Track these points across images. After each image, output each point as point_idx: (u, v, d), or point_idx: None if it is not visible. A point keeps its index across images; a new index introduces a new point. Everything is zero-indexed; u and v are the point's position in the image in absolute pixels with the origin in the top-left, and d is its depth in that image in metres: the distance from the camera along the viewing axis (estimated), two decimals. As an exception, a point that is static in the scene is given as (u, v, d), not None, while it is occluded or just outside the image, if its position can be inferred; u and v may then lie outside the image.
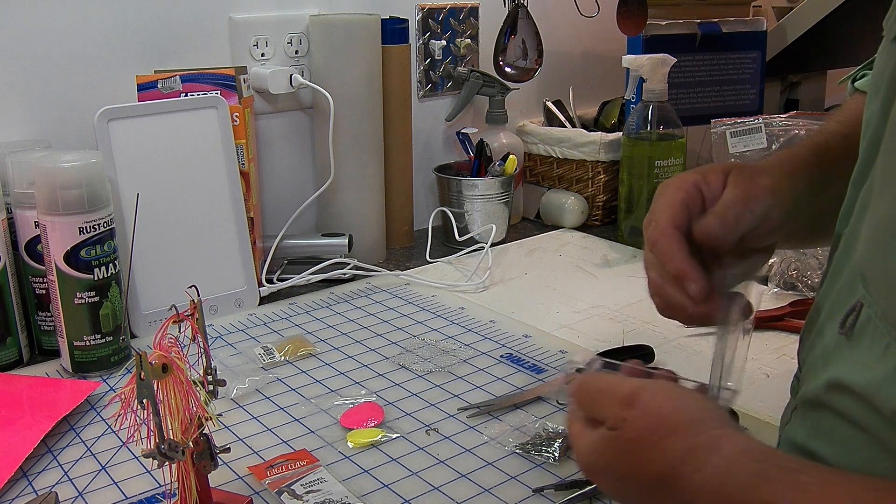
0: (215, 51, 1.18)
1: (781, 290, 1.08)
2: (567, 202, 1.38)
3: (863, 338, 0.49)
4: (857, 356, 0.49)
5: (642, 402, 0.51)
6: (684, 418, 0.50)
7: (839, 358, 0.52)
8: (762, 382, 0.86)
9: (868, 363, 0.48)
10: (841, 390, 0.50)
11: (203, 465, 0.62)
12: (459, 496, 0.68)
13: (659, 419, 0.50)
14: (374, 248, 1.26)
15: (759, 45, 1.46)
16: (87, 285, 0.87)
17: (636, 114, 1.28)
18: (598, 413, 0.53)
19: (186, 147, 1.02)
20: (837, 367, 0.52)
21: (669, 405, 0.51)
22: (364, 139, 1.22)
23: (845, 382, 0.50)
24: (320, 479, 0.69)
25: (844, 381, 0.50)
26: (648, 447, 0.50)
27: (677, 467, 0.48)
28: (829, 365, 0.53)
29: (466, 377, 0.88)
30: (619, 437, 0.51)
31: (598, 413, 0.54)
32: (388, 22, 1.24)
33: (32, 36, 1.04)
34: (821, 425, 0.53)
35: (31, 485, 0.71)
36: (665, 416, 0.51)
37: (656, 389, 0.52)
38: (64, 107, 1.07)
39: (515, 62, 1.39)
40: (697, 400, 0.52)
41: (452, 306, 1.07)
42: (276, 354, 0.93)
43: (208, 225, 1.04)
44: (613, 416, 0.52)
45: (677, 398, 0.52)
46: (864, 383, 0.48)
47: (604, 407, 0.53)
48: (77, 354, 0.89)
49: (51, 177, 0.85)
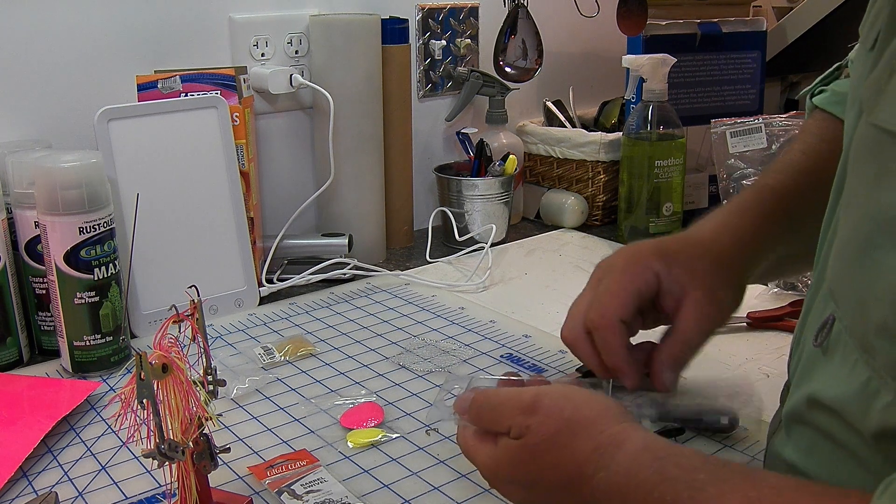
0: (215, 51, 1.18)
1: (781, 290, 1.08)
2: (567, 202, 1.38)
3: (835, 352, 0.49)
4: (831, 370, 0.49)
5: (543, 408, 0.53)
6: (586, 417, 0.52)
7: (816, 372, 0.52)
8: (762, 382, 0.86)
9: (840, 378, 0.48)
10: (819, 407, 0.51)
11: (203, 465, 0.62)
12: (459, 496, 0.68)
13: (561, 422, 0.52)
14: (374, 248, 1.27)
15: (759, 45, 1.46)
16: (87, 285, 0.87)
17: (636, 114, 1.28)
18: (501, 425, 0.55)
19: (186, 147, 1.02)
20: (814, 382, 0.52)
21: (570, 407, 0.53)
22: (364, 139, 1.22)
23: (821, 399, 0.50)
24: (320, 479, 0.69)
25: (820, 397, 0.50)
26: (555, 450, 0.51)
27: (583, 467, 0.50)
28: (807, 379, 0.54)
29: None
30: (525, 443, 0.53)
31: (500, 425, 0.55)
32: (388, 22, 1.24)
33: (32, 36, 1.04)
34: (804, 442, 0.53)
35: (31, 485, 0.71)
36: (567, 419, 0.52)
37: (555, 393, 0.54)
38: (64, 107, 1.07)
39: (515, 62, 1.39)
40: (596, 399, 0.54)
41: (452, 306, 1.07)
42: (276, 354, 0.93)
43: (208, 225, 1.04)
44: (517, 424, 0.53)
45: (576, 399, 0.53)
46: (837, 399, 0.48)
47: (506, 418, 0.54)
48: (77, 354, 0.89)
49: (51, 177, 0.85)
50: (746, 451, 0.73)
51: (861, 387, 0.45)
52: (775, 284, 1.08)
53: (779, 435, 0.59)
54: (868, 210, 0.45)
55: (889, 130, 0.44)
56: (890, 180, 0.43)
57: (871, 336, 0.44)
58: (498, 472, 0.56)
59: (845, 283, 0.48)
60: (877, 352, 0.44)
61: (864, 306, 0.45)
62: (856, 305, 0.46)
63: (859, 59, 0.55)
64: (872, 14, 0.53)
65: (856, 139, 0.49)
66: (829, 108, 0.74)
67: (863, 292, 0.45)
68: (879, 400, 0.44)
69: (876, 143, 0.45)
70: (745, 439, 0.75)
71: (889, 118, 0.44)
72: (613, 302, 0.62)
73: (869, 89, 0.48)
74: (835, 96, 0.75)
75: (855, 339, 0.46)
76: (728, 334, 0.98)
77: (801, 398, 0.53)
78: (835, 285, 0.49)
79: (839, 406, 0.48)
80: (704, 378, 0.70)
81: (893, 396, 0.43)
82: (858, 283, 0.46)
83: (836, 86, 0.75)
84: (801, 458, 0.53)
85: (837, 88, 0.75)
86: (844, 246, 0.48)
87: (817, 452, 0.52)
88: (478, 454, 0.57)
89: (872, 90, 0.48)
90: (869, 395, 0.44)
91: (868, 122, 0.46)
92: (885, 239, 0.43)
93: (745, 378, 0.65)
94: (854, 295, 0.46)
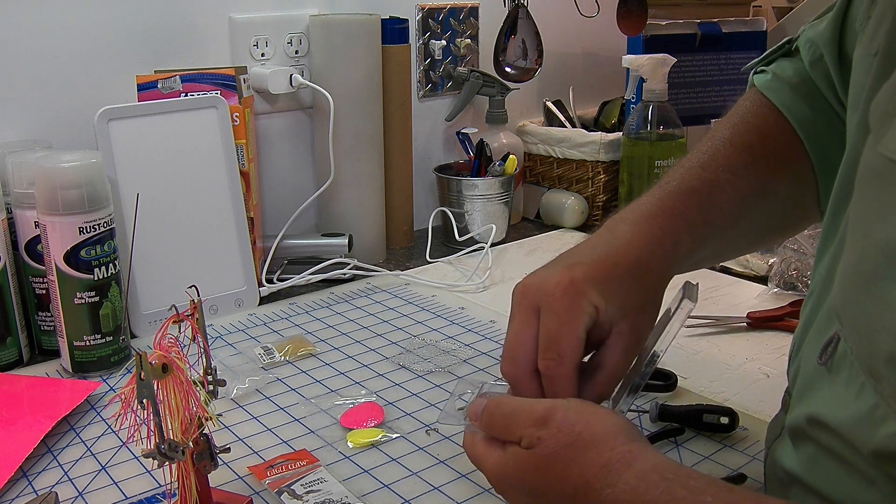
0: (215, 51, 1.18)
1: (781, 290, 1.08)
2: (567, 202, 1.38)
3: (840, 372, 0.49)
4: (836, 391, 0.49)
5: (556, 420, 0.53)
6: (597, 434, 0.52)
7: (819, 390, 0.52)
8: (762, 382, 0.86)
9: (846, 401, 0.47)
10: (820, 426, 0.50)
11: (203, 465, 0.62)
12: (459, 496, 0.68)
13: (573, 436, 0.52)
14: (374, 248, 1.27)
15: (759, 45, 1.46)
16: (87, 285, 0.87)
17: (636, 114, 1.28)
18: (512, 434, 0.55)
19: (186, 147, 1.02)
20: (817, 401, 0.51)
21: (582, 422, 0.53)
22: (364, 139, 1.22)
23: (824, 419, 0.50)
24: (320, 479, 0.69)
25: (823, 417, 0.50)
26: (564, 463, 0.52)
27: (591, 483, 0.50)
28: (810, 395, 0.53)
29: (466, 377, 0.88)
30: (535, 454, 0.53)
31: (511, 434, 0.55)
32: (388, 22, 1.24)
33: (33, 36, 1.04)
34: (807, 456, 0.53)
35: (31, 485, 0.71)
36: (578, 433, 0.52)
37: (568, 408, 0.54)
38: (64, 107, 1.07)
39: (515, 62, 1.39)
40: (608, 416, 0.54)
41: (452, 306, 1.07)
42: (276, 354, 0.93)
43: (208, 225, 1.04)
44: (528, 435, 0.53)
45: (589, 415, 0.53)
46: (841, 421, 0.48)
47: (518, 427, 0.55)
48: (77, 354, 0.89)
49: (51, 177, 0.85)
50: (746, 452, 0.73)
51: (868, 412, 0.45)
52: (775, 284, 1.08)
53: (781, 443, 0.58)
54: (876, 240, 0.44)
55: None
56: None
57: (879, 364, 0.43)
58: (505, 478, 0.56)
59: (852, 308, 0.47)
60: (885, 380, 0.43)
61: (871, 335, 0.44)
62: (863, 332, 0.45)
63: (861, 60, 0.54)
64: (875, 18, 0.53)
65: (862, 164, 0.48)
66: (766, 92, 0.72)
67: (870, 321, 0.44)
68: (886, 427, 0.43)
69: (884, 172, 0.44)
70: (745, 439, 0.75)
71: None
72: (568, 349, 0.59)
73: (877, 110, 0.47)
74: (775, 81, 0.72)
75: (862, 363, 0.46)
76: (728, 334, 0.98)
77: (802, 415, 0.53)
78: (840, 309, 0.49)
79: (843, 429, 0.48)
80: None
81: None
82: (866, 312, 0.45)
83: (779, 68, 0.73)
84: (805, 471, 0.53)
85: (780, 72, 0.72)
86: (851, 271, 0.47)
87: (820, 467, 0.51)
88: (486, 460, 0.57)
89: (880, 114, 0.47)
90: (875, 422, 0.44)
91: (876, 150, 0.45)
92: (892, 271, 0.42)
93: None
94: (861, 322, 0.46)
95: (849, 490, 0.48)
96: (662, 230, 0.64)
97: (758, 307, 1.03)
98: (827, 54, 0.67)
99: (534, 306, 0.61)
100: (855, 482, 0.47)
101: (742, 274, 1.16)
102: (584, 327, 0.60)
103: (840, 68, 0.66)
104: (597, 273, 0.61)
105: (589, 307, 0.60)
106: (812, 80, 0.70)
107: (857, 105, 0.54)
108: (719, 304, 1.07)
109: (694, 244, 0.66)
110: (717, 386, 0.86)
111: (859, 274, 0.46)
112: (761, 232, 0.75)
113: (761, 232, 0.75)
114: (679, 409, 0.77)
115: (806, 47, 0.71)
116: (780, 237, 0.99)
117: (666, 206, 0.66)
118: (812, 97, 0.70)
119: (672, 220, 0.65)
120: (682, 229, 0.65)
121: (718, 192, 0.68)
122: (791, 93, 0.71)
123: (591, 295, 0.60)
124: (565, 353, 0.59)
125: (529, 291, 0.62)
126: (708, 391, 0.85)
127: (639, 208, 0.67)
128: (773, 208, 0.72)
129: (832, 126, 0.69)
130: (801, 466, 0.54)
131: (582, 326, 0.59)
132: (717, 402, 0.81)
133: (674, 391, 0.84)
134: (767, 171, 0.70)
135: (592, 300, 0.60)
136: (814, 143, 0.70)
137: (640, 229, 0.64)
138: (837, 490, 0.50)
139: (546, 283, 0.61)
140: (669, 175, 0.70)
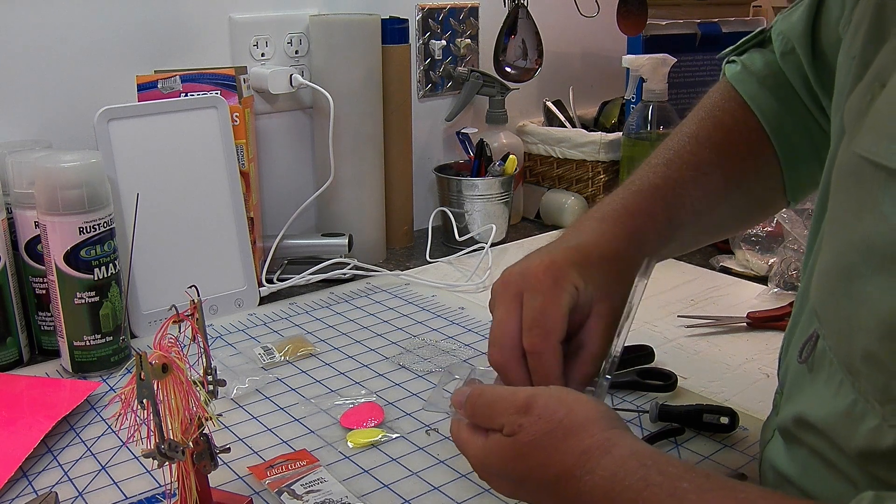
0: (215, 51, 1.18)
1: (781, 290, 1.08)
2: (567, 202, 1.38)
3: (820, 371, 0.50)
4: (817, 390, 0.50)
5: (538, 408, 0.54)
6: (577, 421, 0.53)
7: (803, 390, 0.53)
8: (762, 382, 0.86)
9: (826, 399, 0.48)
10: (807, 427, 0.51)
11: (203, 465, 0.62)
12: (459, 496, 0.68)
13: (554, 423, 0.53)
14: (374, 248, 1.27)
15: (759, 45, 1.46)
16: (87, 285, 0.87)
17: (636, 114, 1.28)
18: (495, 422, 0.56)
19: (186, 147, 1.02)
20: (802, 400, 0.52)
21: (563, 409, 0.53)
22: (364, 139, 1.22)
23: (808, 419, 0.50)
24: (320, 479, 0.69)
25: (808, 417, 0.50)
26: (544, 451, 0.52)
27: (571, 469, 0.51)
28: (795, 395, 0.54)
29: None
30: (517, 441, 0.54)
31: (493, 422, 0.56)
32: (388, 22, 1.24)
33: (33, 36, 1.04)
34: (798, 458, 0.54)
35: (31, 485, 0.71)
36: (559, 421, 0.53)
37: (550, 395, 0.55)
38: (64, 107, 1.07)
39: (515, 62, 1.39)
40: (589, 403, 0.54)
41: (452, 306, 1.07)
42: (276, 354, 0.93)
43: (208, 225, 1.04)
44: (510, 423, 0.54)
45: (570, 402, 0.54)
46: (823, 420, 0.49)
47: (500, 415, 0.55)
48: (77, 354, 0.89)
49: (51, 177, 0.85)
50: (746, 452, 0.73)
51: (847, 409, 0.46)
52: (775, 284, 1.08)
53: (773, 444, 0.59)
54: (851, 238, 0.44)
55: (869, 160, 0.43)
56: (871, 210, 0.42)
57: (856, 361, 0.44)
58: (488, 465, 0.56)
59: (829, 307, 0.48)
60: (863, 376, 0.44)
61: (848, 333, 0.45)
62: (840, 330, 0.46)
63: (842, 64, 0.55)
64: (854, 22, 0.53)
65: (838, 164, 0.49)
66: (735, 84, 0.72)
67: (847, 319, 0.45)
68: (865, 423, 0.44)
69: (857, 171, 0.45)
70: (745, 439, 0.75)
71: (869, 147, 0.43)
72: (554, 325, 0.61)
73: (851, 112, 0.48)
74: (745, 73, 0.72)
75: (840, 360, 0.47)
76: (728, 334, 0.98)
77: (790, 416, 0.53)
78: (819, 307, 0.49)
79: (826, 427, 0.48)
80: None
81: (880, 420, 0.43)
82: (842, 310, 0.46)
83: (749, 59, 0.73)
84: (796, 473, 0.54)
85: (749, 64, 0.73)
86: (828, 270, 0.48)
87: (810, 470, 0.52)
88: (470, 447, 0.58)
89: (854, 114, 0.47)
90: (855, 418, 0.45)
91: (850, 149, 0.46)
92: (868, 269, 0.42)
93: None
94: (838, 320, 0.46)
95: (837, 493, 0.49)
96: (629, 229, 0.66)
97: (758, 307, 1.03)
98: (799, 47, 0.67)
99: (517, 293, 0.63)
100: (844, 488, 0.48)
101: (742, 274, 1.16)
102: (567, 304, 0.61)
103: (813, 61, 0.67)
104: (575, 257, 0.63)
105: (570, 287, 0.62)
106: (782, 72, 0.71)
107: (838, 108, 0.54)
108: (719, 304, 1.07)
109: (659, 242, 0.68)
110: (716, 386, 0.86)
111: (836, 272, 0.46)
112: (726, 224, 0.77)
113: (726, 224, 0.77)
114: (679, 409, 0.77)
115: (778, 39, 0.71)
116: (746, 227, 1.04)
117: (630, 206, 0.68)
118: (780, 89, 0.71)
119: (638, 219, 0.67)
120: (649, 228, 0.67)
121: (682, 190, 0.69)
122: (758, 85, 0.72)
123: (572, 275, 0.62)
124: (550, 329, 0.61)
125: (511, 279, 0.64)
126: (708, 391, 0.85)
127: (606, 206, 0.69)
128: (739, 202, 0.73)
129: (799, 118, 0.70)
130: (793, 468, 0.54)
131: (565, 303, 0.61)
132: (717, 402, 0.81)
133: (674, 391, 0.84)
134: (732, 166, 0.71)
135: (573, 280, 0.62)
136: (779, 136, 0.71)
137: (608, 226, 0.67)
138: (826, 493, 0.50)
139: (528, 269, 0.63)
140: (635, 173, 0.71)
